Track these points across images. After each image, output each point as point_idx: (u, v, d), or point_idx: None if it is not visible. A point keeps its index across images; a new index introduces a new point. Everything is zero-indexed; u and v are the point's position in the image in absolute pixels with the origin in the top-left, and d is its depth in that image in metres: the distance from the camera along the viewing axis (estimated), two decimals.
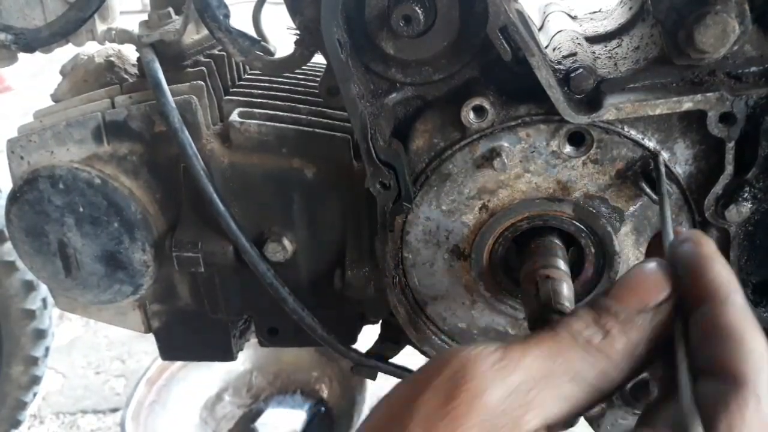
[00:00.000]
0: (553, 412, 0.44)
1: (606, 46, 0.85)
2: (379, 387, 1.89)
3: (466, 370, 0.44)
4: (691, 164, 0.78)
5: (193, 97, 0.90)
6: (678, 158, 0.78)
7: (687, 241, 0.49)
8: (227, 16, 0.82)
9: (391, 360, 1.00)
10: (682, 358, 0.43)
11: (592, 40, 0.86)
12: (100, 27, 0.97)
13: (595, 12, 0.94)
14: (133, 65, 1.05)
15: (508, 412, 0.43)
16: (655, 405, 0.46)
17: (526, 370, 0.44)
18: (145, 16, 0.97)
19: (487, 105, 0.75)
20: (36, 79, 4.09)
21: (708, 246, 0.48)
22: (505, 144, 0.78)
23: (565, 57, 0.80)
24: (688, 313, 0.45)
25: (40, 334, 1.61)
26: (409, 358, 1.00)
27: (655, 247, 0.53)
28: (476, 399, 0.43)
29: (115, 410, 2.24)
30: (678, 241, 0.50)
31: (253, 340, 1.12)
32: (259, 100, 0.98)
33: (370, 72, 0.79)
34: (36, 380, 1.68)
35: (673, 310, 0.46)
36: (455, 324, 0.90)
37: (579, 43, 0.84)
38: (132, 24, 0.97)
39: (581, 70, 0.76)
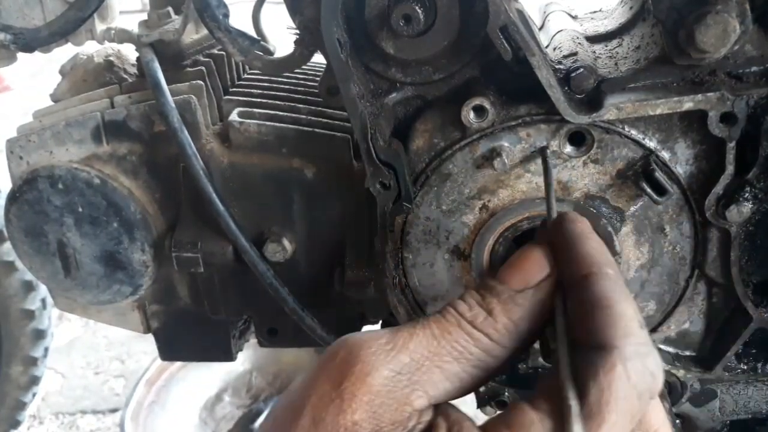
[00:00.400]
0: (438, 390, 0.46)
1: (606, 46, 0.84)
2: None
3: (353, 354, 0.46)
4: (691, 164, 0.78)
5: (193, 96, 0.90)
6: (679, 158, 0.78)
7: (564, 220, 0.52)
8: (227, 15, 0.82)
9: None
10: (561, 331, 0.46)
11: (593, 39, 0.86)
12: (100, 27, 0.97)
13: (595, 11, 0.94)
14: (133, 65, 1.05)
15: (394, 392, 0.45)
16: (540, 379, 0.48)
17: (412, 351, 0.46)
18: (144, 16, 0.97)
19: (487, 105, 0.75)
20: (35, 78, 4.09)
21: (582, 224, 0.51)
22: (506, 144, 0.78)
23: (565, 57, 0.80)
24: (567, 287, 0.48)
25: (40, 335, 1.61)
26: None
27: (542, 233, 0.56)
28: (362, 381, 0.44)
29: (114, 410, 2.24)
30: (556, 220, 0.53)
31: (253, 340, 1.12)
32: (258, 100, 0.97)
33: (370, 72, 0.79)
34: (35, 380, 1.68)
35: (553, 287, 0.49)
36: None
37: (579, 43, 0.83)
38: (131, 24, 0.97)
39: (582, 69, 0.76)
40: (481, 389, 0.91)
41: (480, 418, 0.51)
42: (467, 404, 0.58)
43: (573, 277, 0.48)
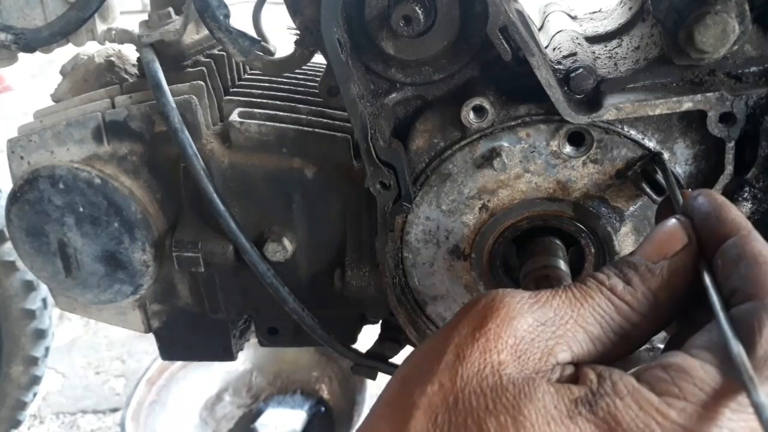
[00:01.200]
0: (582, 349, 0.46)
1: (606, 46, 0.85)
2: (379, 387, 1.89)
3: (497, 300, 0.46)
4: (691, 164, 0.78)
5: (193, 97, 0.90)
6: (678, 158, 0.78)
7: (700, 195, 0.52)
8: (227, 16, 0.82)
9: (391, 360, 1.00)
10: (712, 288, 0.46)
11: (592, 40, 0.86)
12: (100, 27, 0.97)
13: (595, 12, 0.94)
14: (133, 65, 1.05)
15: (539, 341, 0.44)
16: (681, 334, 0.47)
17: (556, 308, 0.46)
18: (145, 16, 0.97)
19: (487, 105, 0.75)
20: (36, 79, 4.09)
21: (720, 196, 0.51)
22: (505, 144, 0.78)
23: (565, 57, 0.80)
24: (711, 254, 0.48)
25: (40, 334, 1.61)
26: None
27: (663, 211, 0.56)
28: (507, 323, 0.44)
29: (115, 410, 2.24)
30: (692, 196, 0.53)
31: (253, 340, 1.12)
32: (259, 100, 0.98)
33: (370, 72, 0.79)
34: (36, 380, 1.68)
35: (694, 256, 0.49)
36: None
37: (579, 43, 0.84)
38: (132, 24, 0.97)
39: (581, 70, 0.76)
40: None
41: None
42: None
43: (721, 241, 0.47)
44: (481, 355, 0.43)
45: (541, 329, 0.45)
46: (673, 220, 0.51)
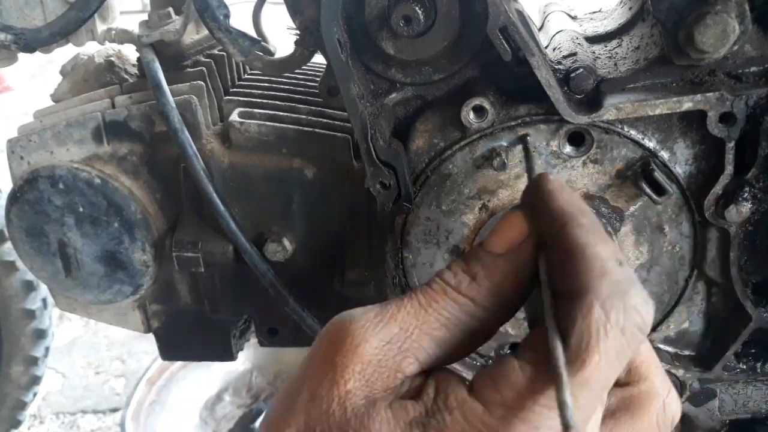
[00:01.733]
0: (429, 356, 0.47)
1: (606, 46, 0.84)
2: None
3: (344, 329, 0.48)
4: (691, 164, 0.78)
5: (193, 97, 0.90)
6: (678, 158, 0.78)
7: (536, 180, 0.52)
8: (227, 16, 0.82)
9: None
10: (545, 284, 0.46)
11: (592, 40, 0.86)
12: (100, 27, 0.97)
13: (595, 12, 0.94)
14: (133, 65, 1.05)
15: (385, 360, 0.46)
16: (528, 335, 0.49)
17: (401, 321, 0.47)
18: (145, 16, 0.97)
19: (487, 105, 0.75)
20: (36, 79, 4.09)
21: (555, 182, 0.51)
22: (505, 144, 0.78)
23: (565, 57, 0.80)
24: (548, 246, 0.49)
25: (40, 334, 1.61)
26: None
27: (524, 197, 0.57)
28: (352, 352, 0.46)
29: (115, 410, 2.24)
30: (530, 184, 0.53)
31: (253, 340, 1.12)
32: (259, 100, 0.98)
33: (370, 72, 0.79)
34: (36, 380, 1.68)
35: (534, 248, 0.49)
36: None
37: (579, 43, 0.83)
38: (132, 24, 0.97)
39: (581, 70, 0.76)
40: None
41: None
42: None
43: (549, 233, 0.48)
44: (330, 390, 0.45)
45: (387, 348, 0.46)
46: (515, 211, 0.51)
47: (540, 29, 0.93)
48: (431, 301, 0.48)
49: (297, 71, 1.04)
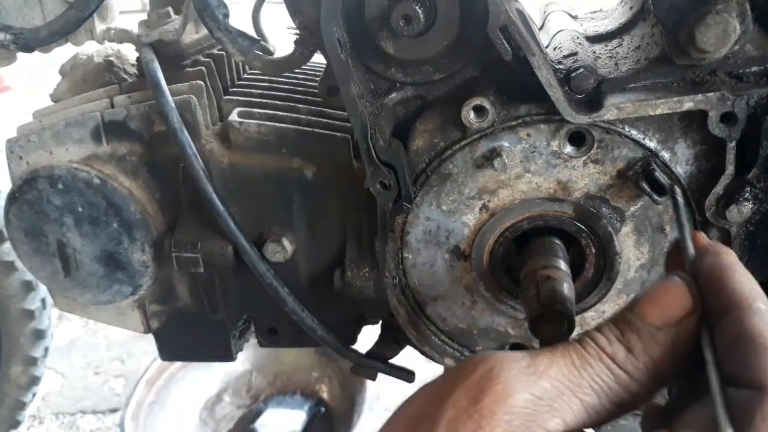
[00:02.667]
0: (574, 420, 0.46)
1: (607, 46, 0.84)
2: (379, 387, 1.88)
3: (494, 372, 0.45)
4: (691, 164, 0.78)
5: (193, 96, 0.90)
6: (679, 158, 0.78)
7: (708, 253, 0.50)
8: (226, 15, 0.82)
9: (391, 360, 1.00)
10: (712, 365, 0.44)
11: (593, 39, 0.86)
12: (99, 26, 0.97)
13: (595, 11, 0.94)
14: (133, 65, 1.05)
15: (533, 416, 0.44)
16: (674, 408, 0.47)
17: (553, 378, 0.45)
18: (144, 16, 0.97)
19: (487, 105, 0.75)
20: (35, 79, 4.08)
21: (729, 256, 0.49)
22: (506, 144, 0.78)
23: (565, 57, 0.80)
24: (714, 325, 0.46)
25: (40, 335, 1.61)
26: (409, 358, 1.00)
27: (674, 259, 0.54)
28: (503, 401, 0.44)
29: (114, 410, 2.24)
30: (699, 253, 0.50)
31: (253, 340, 1.12)
32: (258, 100, 0.97)
33: (370, 72, 0.79)
34: (35, 380, 1.68)
35: (698, 323, 0.47)
36: (455, 324, 0.90)
37: (580, 43, 0.83)
38: (131, 24, 0.97)
39: (582, 69, 0.76)
40: None
41: None
42: None
43: (721, 313, 0.45)
44: None
45: (537, 403, 0.45)
46: (678, 280, 0.48)
47: (540, 29, 0.93)
48: (585, 364, 0.46)
49: (297, 71, 1.04)
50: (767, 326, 0.44)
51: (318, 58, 0.84)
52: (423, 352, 0.94)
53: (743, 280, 0.47)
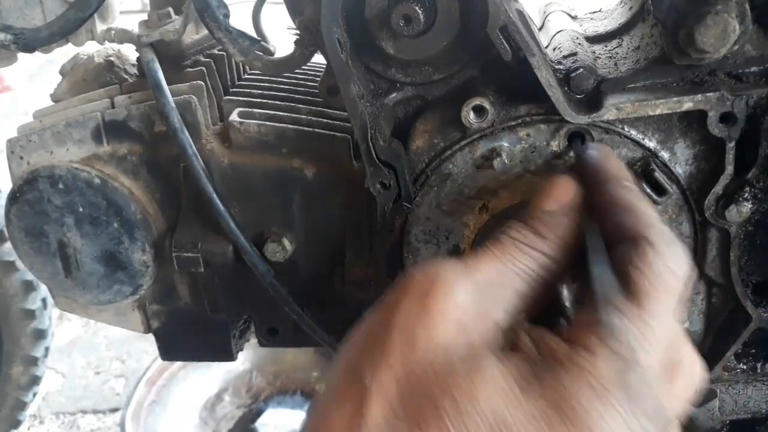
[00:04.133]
0: (513, 307, 0.48)
1: (606, 46, 0.84)
2: None
3: (433, 275, 0.46)
4: (691, 164, 0.78)
5: (193, 97, 0.90)
6: (678, 158, 0.78)
7: (590, 149, 0.59)
8: (227, 15, 0.82)
9: None
10: (594, 232, 0.50)
11: (593, 39, 0.86)
12: (100, 27, 0.97)
13: (595, 12, 0.94)
14: (133, 65, 1.05)
15: (477, 308, 0.46)
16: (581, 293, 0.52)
17: (484, 272, 0.48)
18: (144, 16, 0.97)
19: (487, 105, 0.75)
20: (35, 79, 4.09)
21: (604, 147, 0.59)
22: (506, 144, 0.78)
23: (565, 57, 0.80)
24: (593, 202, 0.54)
25: (40, 334, 1.61)
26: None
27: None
28: (448, 298, 0.45)
29: (114, 410, 2.24)
30: (582, 149, 0.60)
31: (253, 340, 1.12)
32: (259, 100, 0.97)
33: (370, 72, 0.79)
34: (36, 380, 1.68)
35: (582, 202, 0.53)
36: None
37: (579, 43, 0.83)
38: (132, 24, 0.97)
39: (581, 69, 0.76)
40: None
41: None
42: None
43: (598, 192, 0.53)
44: (428, 333, 0.43)
45: (479, 296, 0.46)
46: (563, 175, 0.55)
47: (540, 29, 0.93)
48: (506, 253, 0.49)
49: (297, 71, 1.04)
50: (635, 196, 0.52)
51: (318, 58, 0.84)
52: None
53: (616, 165, 0.56)
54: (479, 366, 0.42)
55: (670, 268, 0.45)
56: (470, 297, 0.46)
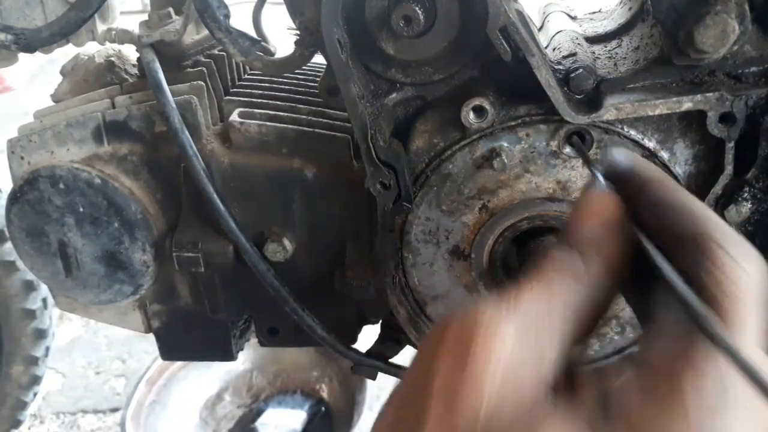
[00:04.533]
0: (564, 340, 0.42)
1: (606, 47, 0.85)
2: (379, 387, 1.89)
3: (470, 322, 0.40)
4: (690, 164, 0.78)
5: (194, 97, 0.90)
6: (678, 158, 0.78)
7: (616, 155, 0.52)
8: (227, 16, 0.82)
9: (391, 360, 1.00)
10: (649, 242, 0.44)
11: (592, 40, 0.86)
12: (101, 27, 0.98)
13: (594, 12, 0.94)
14: (134, 65, 1.05)
15: (525, 352, 0.40)
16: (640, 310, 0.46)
17: (531, 308, 0.42)
18: (145, 16, 0.97)
19: (487, 105, 0.75)
20: (36, 79, 4.09)
21: (630, 153, 0.52)
22: (505, 144, 0.78)
23: (565, 57, 0.80)
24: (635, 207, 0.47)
25: (41, 334, 1.61)
26: (409, 357, 1.00)
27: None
28: (491, 346, 0.39)
29: (115, 410, 2.24)
30: (613, 159, 0.52)
31: (253, 340, 1.12)
32: (259, 101, 0.98)
33: (370, 72, 0.79)
34: (36, 380, 1.68)
35: (625, 216, 0.47)
36: None
37: (579, 44, 0.84)
38: (132, 24, 0.97)
39: (581, 70, 0.76)
40: None
41: None
42: None
43: (641, 200, 0.46)
44: (473, 392, 0.37)
45: (526, 333, 0.40)
46: (597, 188, 0.49)
47: (540, 29, 0.93)
48: (553, 284, 0.44)
49: (297, 71, 1.04)
50: (681, 193, 0.45)
51: (318, 59, 0.84)
52: None
53: (648, 167, 0.49)
54: (539, 423, 0.37)
55: (745, 271, 0.38)
56: (518, 341, 0.40)
